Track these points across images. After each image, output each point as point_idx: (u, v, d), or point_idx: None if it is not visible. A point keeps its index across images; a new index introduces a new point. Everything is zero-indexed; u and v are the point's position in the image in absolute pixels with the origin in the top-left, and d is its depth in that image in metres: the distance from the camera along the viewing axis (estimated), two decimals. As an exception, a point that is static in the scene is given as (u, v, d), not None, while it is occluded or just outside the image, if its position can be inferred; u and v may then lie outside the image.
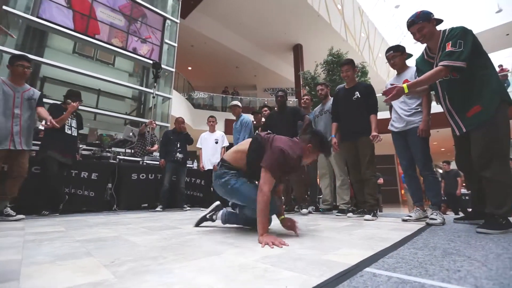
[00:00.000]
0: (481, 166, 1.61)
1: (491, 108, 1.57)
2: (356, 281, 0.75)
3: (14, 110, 2.53)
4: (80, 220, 2.41)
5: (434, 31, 1.80)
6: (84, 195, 3.42)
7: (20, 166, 2.57)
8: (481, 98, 1.60)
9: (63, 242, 1.36)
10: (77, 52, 7.11)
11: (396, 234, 1.54)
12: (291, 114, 3.25)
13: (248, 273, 0.83)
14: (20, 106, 2.57)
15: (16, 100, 2.55)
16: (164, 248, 1.22)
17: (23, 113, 2.59)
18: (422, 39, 1.83)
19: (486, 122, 1.59)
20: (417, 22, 1.80)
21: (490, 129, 1.58)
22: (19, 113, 2.55)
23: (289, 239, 1.44)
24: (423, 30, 1.79)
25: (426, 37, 1.81)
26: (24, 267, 0.91)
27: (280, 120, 3.29)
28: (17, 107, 2.55)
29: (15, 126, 2.51)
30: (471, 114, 1.65)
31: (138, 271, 0.86)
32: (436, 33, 1.80)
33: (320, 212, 3.20)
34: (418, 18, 1.80)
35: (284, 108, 3.36)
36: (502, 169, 1.55)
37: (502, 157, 1.57)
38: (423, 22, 1.78)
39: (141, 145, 4.54)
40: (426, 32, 1.79)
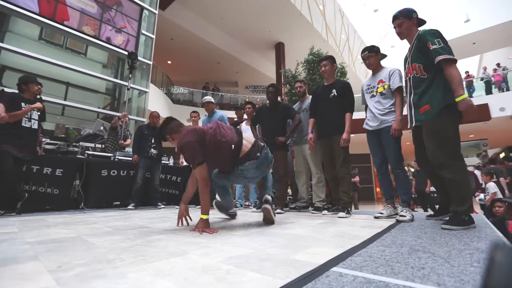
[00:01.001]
0: (437, 166, 1.69)
1: (437, 108, 1.68)
2: (321, 282, 0.73)
3: None
4: (38, 220, 2.22)
5: (412, 28, 1.89)
6: (47, 192, 3.17)
7: None
8: (433, 98, 1.71)
9: (10, 245, 1.22)
10: (44, 39, 6.60)
11: (367, 232, 1.56)
12: (282, 112, 3.13)
13: (210, 276, 0.78)
14: None
15: None
16: (125, 249, 1.14)
17: None
18: (401, 36, 1.93)
19: (431, 120, 1.70)
20: (399, 18, 1.91)
21: (436, 129, 1.68)
22: None
23: (261, 237, 1.40)
24: (402, 25, 1.89)
25: (404, 34, 1.91)
26: (-49, 275, 0.79)
27: (270, 117, 3.16)
28: None
29: None
30: (422, 112, 1.78)
31: (86, 276, 0.78)
32: (413, 31, 1.88)
33: (296, 209, 3.21)
34: (401, 14, 1.91)
35: (275, 104, 3.20)
36: (456, 168, 1.62)
37: (454, 156, 1.64)
38: (403, 18, 1.89)
39: (113, 140, 4.31)
40: (404, 28, 1.89)
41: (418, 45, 1.79)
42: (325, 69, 2.78)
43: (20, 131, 2.80)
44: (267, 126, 3.18)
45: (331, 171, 2.73)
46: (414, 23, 1.89)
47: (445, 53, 1.63)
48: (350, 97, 2.70)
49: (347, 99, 2.68)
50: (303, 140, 3.12)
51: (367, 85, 2.50)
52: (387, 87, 2.31)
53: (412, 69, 1.85)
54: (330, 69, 2.79)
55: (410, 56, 1.87)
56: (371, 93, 2.43)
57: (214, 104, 3.98)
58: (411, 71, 1.87)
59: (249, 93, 17.01)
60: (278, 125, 3.10)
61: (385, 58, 2.56)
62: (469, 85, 11.16)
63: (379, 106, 2.34)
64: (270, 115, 3.15)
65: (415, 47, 1.81)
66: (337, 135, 2.60)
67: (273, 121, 3.12)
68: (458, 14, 15.13)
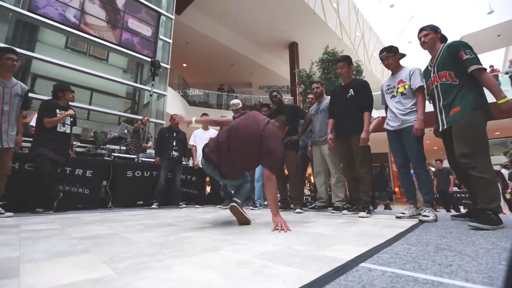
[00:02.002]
0: (466, 165, 1.74)
1: (467, 110, 1.78)
2: (352, 276, 0.78)
3: (4, 106, 2.46)
4: (75, 218, 2.39)
5: (436, 41, 2.05)
6: (79, 192, 3.39)
7: (5, 164, 2.52)
8: (463, 101, 1.82)
9: (60, 240, 1.35)
10: (69, 47, 6.98)
11: (390, 231, 1.58)
12: (290, 113, 3.23)
13: (246, 269, 0.85)
14: (9, 102, 2.51)
15: (5, 96, 2.48)
16: (162, 245, 1.23)
17: (11, 110, 2.53)
18: (425, 45, 2.08)
19: (461, 121, 1.78)
20: (426, 29, 2.08)
21: (467, 129, 1.76)
22: (8, 110, 2.50)
23: (286, 235, 1.46)
24: (428, 36, 2.05)
25: (428, 44, 2.06)
26: (23, 264, 0.91)
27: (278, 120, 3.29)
28: (6, 104, 2.48)
29: (3, 123, 2.46)
30: (452, 113, 1.87)
31: (138, 267, 0.87)
32: (437, 45, 2.04)
33: (316, 209, 3.24)
34: (428, 27, 2.09)
35: (282, 107, 3.35)
36: (485, 166, 1.69)
37: (483, 155, 1.71)
38: (430, 30, 2.06)
39: (136, 142, 4.51)
40: (429, 39, 2.05)
41: (447, 55, 1.91)
42: (341, 71, 2.80)
43: (55, 135, 3.01)
44: None
45: (350, 171, 2.74)
46: (438, 37, 2.05)
47: (477, 63, 1.77)
48: (368, 96, 2.69)
49: (364, 98, 2.67)
50: (321, 140, 3.15)
51: (387, 86, 2.50)
52: (408, 87, 2.31)
53: (439, 77, 1.96)
54: (347, 69, 2.79)
55: (435, 66, 2.00)
56: (391, 94, 2.43)
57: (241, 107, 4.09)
58: (438, 79, 1.97)
59: (263, 93, 17.04)
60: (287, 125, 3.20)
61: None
62: (494, 80, 10.64)
63: (400, 106, 2.33)
64: None
65: (442, 57, 1.95)
66: (355, 134, 2.61)
67: None
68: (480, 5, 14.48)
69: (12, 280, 0.75)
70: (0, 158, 2.47)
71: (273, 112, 3.49)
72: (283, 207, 3.23)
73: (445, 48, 1.94)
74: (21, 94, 2.64)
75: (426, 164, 2.30)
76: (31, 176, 2.97)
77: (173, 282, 0.74)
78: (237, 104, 4.04)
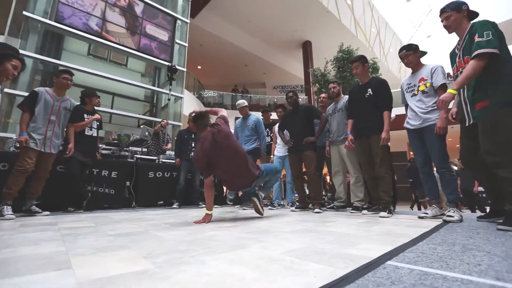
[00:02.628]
0: (494, 164, 1.62)
1: (497, 105, 1.60)
2: (380, 273, 0.80)
3: (51, 117, 2.78)
4: (104, 217, 2.53)
5: (462, 21, 1.83)
6: (105, 192, 3.56)
7: (46, 168, 2.78)
8: (493, 94, 1.63)
9: (97, 236, 1.46)
10: (91, 54, 7.32)
11: (413, 231, 1.57)
12: (305, 113, 3.27)
13: (277, 265, 0.90)
14: (57, 114, 2.83)
15: (54, 108, 2.81)
16: (191, 242, 1.30)
17: (58, 120, 2.84)
18: (449, 29, 1.88)
19: (489, 117, 1.63)
20: (446, 11, 1.86)
21: (495, 125, 1.60)
22: (54, 120, 2.81)
23: (308, 234, 1.49)
24: (450, 18, 1.84)
25: (452, 27, 1.86)
26: (72, 257, 1.00)
27: (294, 120, 3.33)
28: (53, 114, 2.81)
29: (49, 131, 2.75)
30: (479, 108, 1.70)
31: (174, 262, 0.94)
32: (464, 25, 1.82)
33: (334, 209, 3.24)
34: (448, 7, 1.86)
35: (297, 107, 3.39)
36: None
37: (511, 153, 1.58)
38: (451, 11, 1.84)
39: (156, 144, 4.68)
40: (452, 21, 1.84)
41: (469, 38, 1.73)
42: (356, 71, 2.79)
43: (84, 139, 3.20)
44: (292, 130, 3.37)
45: (368, 170, 2.72)
46: (464, 15, 1.82)
47: (485, 47, 1.58)
48: (387, 95, 2.67)
49: (383, 97, 2.65)
50: (339, 140, 3.15)
51: (407, 84, 2.47)
52: (429, 85, 2.26)
53: (464, 62, 1.78)
54: (362, 69, 2.78)
55: (461, 50, 1.81)
56: (412, 92, 2.40)
57: (248, 107, 4.14)
58: (463, 65, 1.79)
59: (277, 93, 17.06)
60: (303, 126, 3.24)
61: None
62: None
63: (421, 104, 2.29)
64: (294, 118, 3.33)
65: (467, 40, 1.75)
66: (375, 134, 2.59)
67: (297, 123, 3.27)
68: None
69: (67, 271, 0.84)
70: (42, 162, 2.71)
71: (288, 112, 3.51)
72: (301, 207, 3.25)
73: (468, 30, 1.77)
74: (69, 108, 2.98)
75: (449, 163, 2.25)
76: (62, 177, 3.17)
77: (211, 276, 0.79)
78: (242, 104, 4.08)
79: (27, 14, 5.18)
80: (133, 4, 6.82)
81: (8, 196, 2.45)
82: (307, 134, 3.16)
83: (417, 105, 2.31)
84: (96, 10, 6.11)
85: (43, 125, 2.72)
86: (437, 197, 2.30)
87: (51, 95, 2.83)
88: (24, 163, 2.53)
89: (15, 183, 2.49)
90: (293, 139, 3.29)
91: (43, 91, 2.79)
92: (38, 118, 2.70)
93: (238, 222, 2.13)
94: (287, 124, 3.44)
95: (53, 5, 5.50)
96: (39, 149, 2.65)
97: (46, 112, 2.75)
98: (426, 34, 17.07)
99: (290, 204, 3.81)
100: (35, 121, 2.69)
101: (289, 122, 3.41)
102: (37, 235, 1.51)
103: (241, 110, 4.06)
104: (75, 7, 5.74)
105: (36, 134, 2.66)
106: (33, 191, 2.71)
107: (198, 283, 0.73)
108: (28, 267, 0.87)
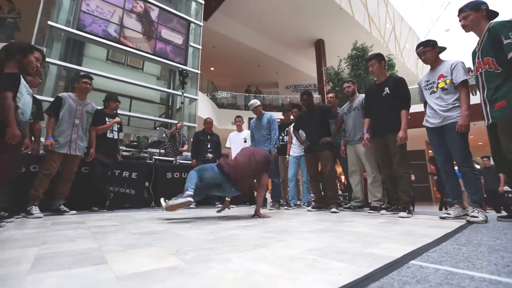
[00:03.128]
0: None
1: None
2: (404, 272, 0.81)
3: (75, 120, 2.95)
4: (127, 216, 2.64)
5: (480, 21, 1.83)
6: (126, 193, 3.71)
7: (71, 169, 2.94)
8: (509, 94, 1.64)
9: (125, 234, 1.53)
10: (109, 59, 7.60)
11: (435, 231, 1.55)
12: (320, 113, 3.27)
13: (300, 263, 0.92)
14: (80, 117, 3.00)
15: (77, 112, 2.98)
16: (214, 240, 1.35)
17: (81, 124, 3.01)
18: (466, 28, 1.89)
19: (508, 116, 1.64)
20: (464, 10, 1.88)
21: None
22: (78, 123, 2.98)
23: (327, 234, 1.50)
24: (468, 18, 1.86)
25: (469, 27, 1.86)
26: (106, 253, 1.07)
27: (309, 120, 3.33)
28: (77, 118, 2.98)
29: (73, 134, 2.92)
30: (497, 108, 1.72)
31: (202, 259, 0.98)
32: (483, 24, 1.82)
33: (351, 209, 3.21)
34: (467, 7, 1.87)
35: (312, 108, 3.38)
36: None
37: None
38: (469, 11, 1.85)
39: (172, 146, 4.81)
40: (470, 20, 1.85)
41: (489, 38, 1.71)
42: (372, 69, 2.76)
43: (106, 141, 3.35)
44: (307, 130, 3.36)
45: (386, 170, 2.68)
46: (483, 15, 1.82)
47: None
48: (405, 94, 2.63)
49: (401, 95, 2.61)
50: (356, 139, 3.12)
51: (426, 81, 2.41)
52: (450, 82, 2.21)
53: (483, 63, 1.79)
54: (378, 67, 2.75)
55: (480, 50, 1.81)
56: (430, 89, 2.34)
57: (261, 106, 4.16)
58: (483, 66, 1.80)
59: (289, 93, 17.00)
60: (318, 126, 3.24)
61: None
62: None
63: (440, 102, 2.24)
64: (309, 119, 3.34)
65: (486, 40, 1.75)
66: (392, 133, 2.55)
67: (312, 124, 3.28)
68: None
69: (104, 266, 0.90)
70: (68, 164, 2.88)
71: (304, 112, 3.52)
72: (318, 207, 3.24)
73: (487, 30, 1.76)
74: (91, 112, 3.15)
75: (472, 162, 2.18)
76: (87, 178, 3.32)
77: (238, 272, 0.83)
78: (254, 104, 4.07)
79: (52, 23, 5.46)
80: (148, 9, 7.03)
81: (35, 197, 2.63)
82: (323, 134, 3.16)
83: (437, 102, 2.26)
84: (114, 17, 6.35)
85: (68, 129, 2.88)
86: (459, 197, 2.23)
87: (73, 99, 2.99)
88: (49, 166, 2.70)
89: (41, 185, 2.67)
90: (309, 139, 3.30)
91: (67, 96, 2.96)
92: (62, 122, 2.87)
93: (256, 222, 2.16)
94: (303, 124, 3.45)
95: (75, 14, 5.77)
96: (65, 151, 2.80)
97: (70, 116, 2.92)
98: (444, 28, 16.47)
99: (306, 204, 3.81)
100: (60, 125, 2.86)
101: (305, 122, 3.42)
102: (69, 232, 1.61)
103: (255, 110, 4.09)
104: (95, 15, 5.99)
105: (61, 137, 2.83)
106: (61, 191, 2.88)
107: (227, 279, 0.76)
108: (68, 262, 0.94)
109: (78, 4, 5.75)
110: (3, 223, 1.90)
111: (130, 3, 6.57)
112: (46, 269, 0.86)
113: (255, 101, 4.12)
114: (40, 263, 0.94)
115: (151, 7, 7.07)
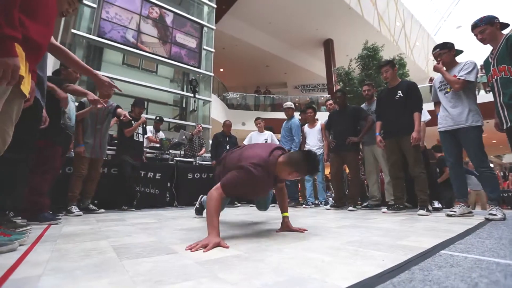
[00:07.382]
0: None
1: None
2: (438, 259, 0.95)
3: (97, 125, 3.15)
4: (158, 214, 2.83)
5: (496, 33, 1.97)
6: (151, 192, 3.91)
7: (97, 171, 3.18)
8: None
9: (171, 230, 1.70)
10: (125, 63, 7.87)
11: (457, 227, 1.67)
12: (352, 114, 3.38)
13: (344, 252, 1.07)
14: (102, 122, 3.20)
15: (99, 117, 3.18)
16: (257, 235, 1.50)
17: (103, 128, 3.21)
18: (485, 42, 2.01)
19: None
20: (480, 25, 2.00)
21: None
22: (100, 128, 3.18)
23: (356, 229, 1.64)
24: (485, 31, 1.98)
25: (488, 39, 1.99)
26: (169, 245, 1.23)
27: (340, 120, 3.44)
28: (99, 124, 3.18)
29: (96, 139, 3.12)
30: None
31: (257, 249, 1.13)
32: (499, 36, 1.96)
33: (369, 208, 3.33)
34: (481, 22, 2.00)
35: (344, 107, 3.49)
36: None
37: None
38: (485, 25, 1.98)
39: (190, 149, 5.01)
40: (488, 34, 1.97)
41: (505, 48, 1.84)
42: (386, 75, 2.89)
43: (133, 143, 3.55)
44: (336, 130, 3.45)
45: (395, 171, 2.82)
46: (497, 27, 1.96)
47: None
48: (418, 97, 2.77)
49: (414, 99, 2.74)
50: (373, 141, 3.23)
51: (440, 82, 2.52)
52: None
53: (499, 71, 1.92)
54: (391, 73, 2.89)
55: (495, 59, 1.95)
56: (444, 90, 2.45)
57: (293, 110, 4.31)
58: (498, 73, 1.93)
59: (298, 93, 17.08)
60: (347, 127, 3.31)
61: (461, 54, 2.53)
62: None
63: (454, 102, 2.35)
64: (340, 119, 3.41)
65: (502, 50, 1.88)
66: (406, 135, 2.67)
67: (343, 124, 3.37)
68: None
69: (176, 255, 1.06)
70: (93, 166, 3.10)
71: (335, 112, 3.62)
72: (337, 206, 3.36)
73: (504, 40, 1.90)
74: (110, 109, 3.29)
75: (488, 162, 2.28)
76: (116, 179, 3.53)
77: (295, 259, 0.98)
78: (287, 105, 4.32)
79: (75, 31, 5.73)
80: (164, 15, 7.25)
81: (73, 198, 2.86)
82: (351, 135, 3.27)
83: (449, 103, 2.37)
84: (132, 23, 6.59)
85: (91, 135, 3.09)
86: (465, 196, 2.35)
87: None
88: (80, 170, 2.96)
89: (76, 187, 2.93)
90: (336, 139, 3.41)
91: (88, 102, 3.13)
92: (86, 128, 3.09)
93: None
94: (334, 124, 3.56)
95: (95, 22, 6.03)
96: (92, 156, 3.03)
97: (92, 122, 3.13)
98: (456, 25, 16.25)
99: (324, 202, 3.94)
100: (85, 131, 3.08)
101: (336, 121, 3.52)
102: (120, 228, 1.79)
103: (286, 111, 4.27)
104: (114, 22, 6.23)
105: (87, 143, 3.04)
106: (89, 191, 3.13)
107: (290, 264, 0.92)
108: (144, 251, 1.11)
109: (98, 12, 6.00)
110: (60, 220, 2.11)
111: (146, 9, 6.80)
112: (133, 257, 1.02)
113: (289, 103, 4.38)
114: (121, 252, 1.10)
115: (166, 12, 7.29)
